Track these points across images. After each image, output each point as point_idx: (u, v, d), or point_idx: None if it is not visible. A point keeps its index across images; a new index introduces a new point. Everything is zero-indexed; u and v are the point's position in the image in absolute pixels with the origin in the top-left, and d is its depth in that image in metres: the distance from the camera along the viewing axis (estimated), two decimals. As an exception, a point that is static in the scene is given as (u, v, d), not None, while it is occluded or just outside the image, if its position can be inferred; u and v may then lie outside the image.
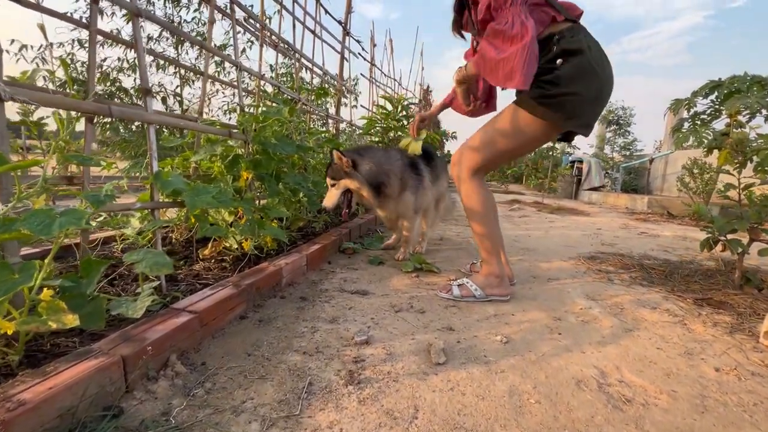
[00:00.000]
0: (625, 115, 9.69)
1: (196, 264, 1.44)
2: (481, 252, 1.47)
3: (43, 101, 0.87)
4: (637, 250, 2.42)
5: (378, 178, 1.71)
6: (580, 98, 1.21)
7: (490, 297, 1.40)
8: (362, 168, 1.70)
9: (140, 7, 1.15)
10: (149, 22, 4.27)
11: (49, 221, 0.68)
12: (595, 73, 1.21)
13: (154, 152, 1.17)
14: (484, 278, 1.43)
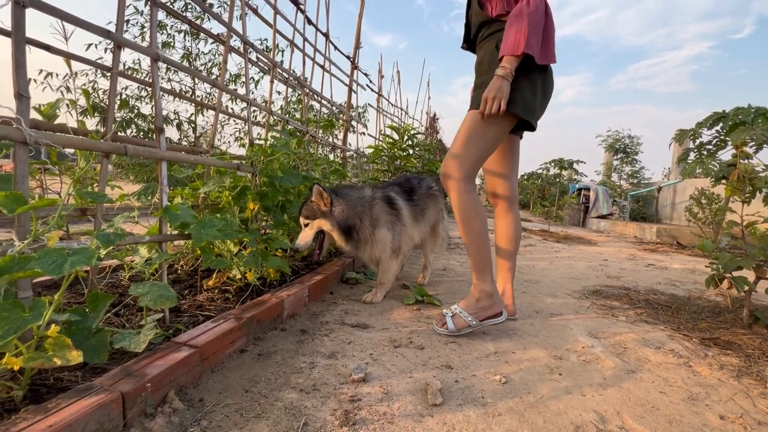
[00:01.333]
0: (632, 144, 9.74)
1: (199, 294, 1.47)
2: (471, 268, 1.42)
3: (64, 143, 0.93)
4: (643, 283, 2.39)
5: (349, 221, 1.63)
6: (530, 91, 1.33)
7: (485, 322, 1.36)
8: (335, 209, 1.62)
9: (159, 52, 1.23)
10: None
11: (61, 261, 0.72)
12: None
13: (165, 187, 1.23)
14: (476, 302, 1.37)
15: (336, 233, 1.61)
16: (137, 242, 1.14)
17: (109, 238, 0.86)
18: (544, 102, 1.42)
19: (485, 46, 1.43)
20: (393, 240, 1.70)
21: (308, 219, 1.63)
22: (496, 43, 1.36)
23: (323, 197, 1.60)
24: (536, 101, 1.36)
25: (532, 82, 1.33)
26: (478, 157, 1.38)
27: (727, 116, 3.35)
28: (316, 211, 1.62)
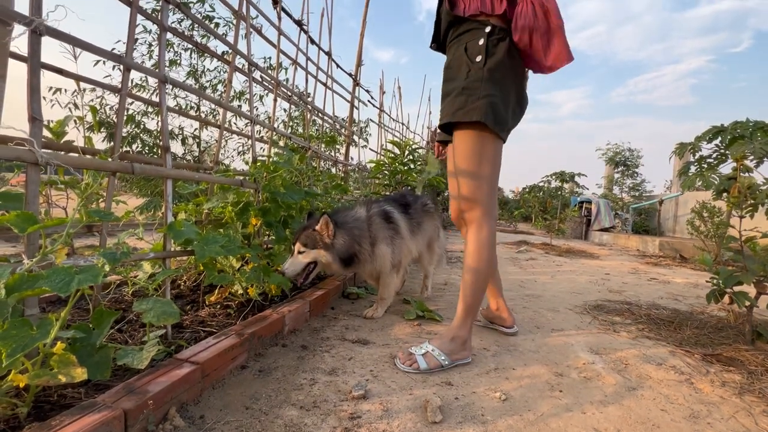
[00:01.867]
0: (632, 157, 9.78)
1: (202, 310, 1.48)
2: (460, 310, 1.32)
3: (74, 163, 0.96)
4: (645, 298, 2.38)
5: (350, 250, 1.58)
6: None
7: (455, 362, 1.26)
8: (337, 241, 1.56)
9: (167, 74, 1.28)
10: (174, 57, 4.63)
11: (69, 279, 0.74)
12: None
13: (170, 204, 1.25)
14: (451, 342, 1.27)
15: (335, 265, 1.57)
16: (142, 259, 1.16)
17: (115, 257, 0.89)
18: (518, 113, 1.32)
19: (454, 47, 1.31)
20: (393, 255, 1.70)
21: (306, 247, 1.56)
22: (465, 46, 1.24)
23: (328, 228, 1.55)
24: (509, 115, 1.27)
25: (507, 93, 1.23)
26: (496, 180, 1.29)
27: (725, 130, 3.38)
28: (318, 241, 1.55)
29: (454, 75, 1.27)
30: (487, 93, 1.17)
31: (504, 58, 1.19)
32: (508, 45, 1.19)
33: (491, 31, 1.20)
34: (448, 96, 1.26)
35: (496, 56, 1.19)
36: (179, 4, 1.36)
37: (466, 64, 1.22)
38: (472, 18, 1.24)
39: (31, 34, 0.90)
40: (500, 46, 1.19)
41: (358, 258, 1.60)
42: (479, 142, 1.23)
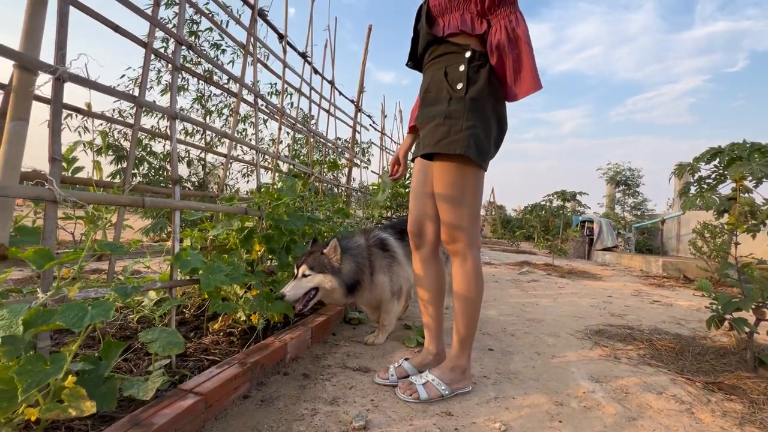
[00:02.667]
0: (633, 176, 9.84)
1: (205, 337, 1.50)
2: (455, 341, 1.30)
3: (89, 200, 1.01)
4: (647, 322, 2.38)
5: (356, 276, 1.57)
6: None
7: (455, 392, 1.25)
8: (344, 266, 1.54)
9: (178, 111, 1.35)
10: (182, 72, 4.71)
11: (82, 314, 0.78)
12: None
13: (177, 235, 1.30)
14: (451, 372, 1.26)
15: (339, 291, 1.55)
16: (150, 289, 1.20)
17: (127, 291, 0.92)
18: (499, 141, 1.28)
19: (432, 70, 1.25)
20: (391, 283, 1.71)
21: (312, 271, 1.53)
22: (445, 69, 1.20)
23: (337, 253, 1.54)
24: (491, 146, 1.23)
25: (488, 122, 1.18)
26: (479, 213, 1.28)
27: (723, 151, 3.43)
28: (325, 265, 1.53)
29: (433, 101, 1.22)
30: (470, 124, 1.13)
31: (485, 85, 1.15)
32: (488, 71, 1.15)
33: (472, 57, 1.16)
34: (429, 123, 1.22)
35: (478, 84, 1.15)
36: (191, 46, 1.44)
37: (446, 91, 1.18)
38: (452, 40, 1.20)
39: (55, 81, 0.96)
40: (481, 72, 1.15)
41: (360, 286, 1.61)
42: (462, 173, 1.19)
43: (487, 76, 1.15)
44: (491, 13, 1.12)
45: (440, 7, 1.21)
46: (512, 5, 1.11)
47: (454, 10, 1.19)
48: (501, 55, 1.12)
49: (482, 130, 1.16)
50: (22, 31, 0.97)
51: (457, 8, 1.19)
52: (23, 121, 0.96)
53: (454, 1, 1.18)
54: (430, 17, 1.24)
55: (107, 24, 1.23)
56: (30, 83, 0.96)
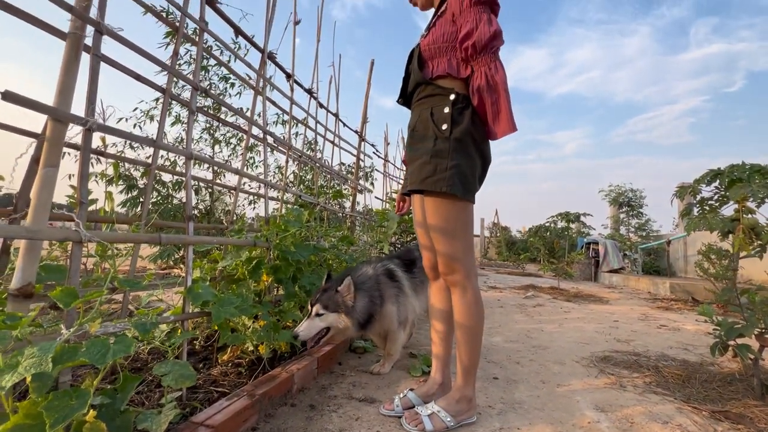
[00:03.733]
0: (636, 197, 9.88)
1: (214, 368, 1.53)
2: (460, 370, 1.32)
3: (111, 239, 1.08)
4: (654, 348, 2.36)
5: (370, 310, 1.59)
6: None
7: (460, 423, 1.28)
8: (358, 304, 1.56)
9: (192, 152, 1.44)
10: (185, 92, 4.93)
11: (105, 350, 0.83)
12: None
13: (190, 269, 1.36)
14: (457, 404, 1.28)
15: (352, 330, 1.56)
16: (163, 322, 1.25)
17: (146, 328, 0.98)
18: (483, 176, 1.35)
19: (419, 109, 1.34)
20: (399, 313, 1.74)
21: (326, 310, 1.54)
22: (431, 109, 1.27)
23: (350, 291, 1.56)
24: (476, 181, 1.29)
25: (472, 160, 1.25)
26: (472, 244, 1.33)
27: (723, 173, 3.48)
28: (339, 304, 1.54)
29: (420, 139, 1.30)
30: (455, 163, 1.20)
31: (469, 125, 1.22)
32: (471, 112, 1.23)
33: (456, 99, 1.24)
34: (416, 161, 1.29)
35: (462, 125, 1.22)
36: (206, 91, 1.55)
37: (432, 131, 1.25)
38: (439, 82, 1.28)
39: (85, 132, 1.05)
40: (465, 114, 1.23)
41: (373, 318, 1.62)
42: (450, 208, 1.25)
43: (470, 117, 1.23)
44: (474, 60, 1.21)
45: (430, 52, 1.32)
46: (493, 54, 1.20)
47: (442, 55, 1.29)
48: (481, 98, 1.21)
49: (467, 167, 1.23)
50: (57, 85, 1.07)
51: (445, 53, 1.29)
52: (54, 167, 1.05)
53: (442, 47, 1.29)
54: (421, 60, 1.34)
55: (130, 74, 1.34)
56: (62, 134, 1.06)
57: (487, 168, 1.35)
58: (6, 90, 0.87)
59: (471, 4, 1.19)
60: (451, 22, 1.26)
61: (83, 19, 1.07)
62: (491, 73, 1.19)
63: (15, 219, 1.08)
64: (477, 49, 1.18)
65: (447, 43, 1.27)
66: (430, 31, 1.34)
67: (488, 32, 1.16)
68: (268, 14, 2.03)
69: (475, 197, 1.32)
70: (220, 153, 5.84)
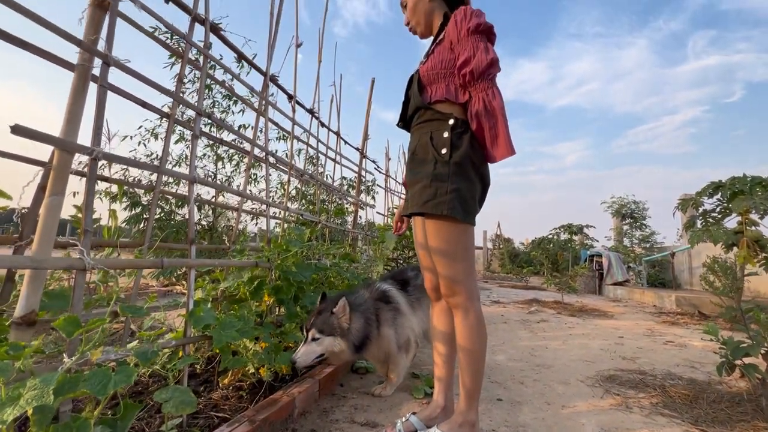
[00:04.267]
0: (638, 209, 9.85)
1: (215, 392, 1.52)
2: (463, 394, 1.29)
3: (115, 266, 1.10)
4: (660, 366, 2.33)
5: (365, 332, 1.58)
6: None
7: None
8: (353, 326, 1.54)
9: (196, 176, 1.46)
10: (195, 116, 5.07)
11: (106, 381, 0.83)
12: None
13: (192, 292, 1.36)
14: (459, 428, 1.26)
15: (347, 353, 1.55)
16: (165, 348, 1.25)
17: (147, 356, 0.98)
18: (483, 198, 1.36)
19: (418, 133, 1.36)
20: (397, 335, 1.72)
21: (322, 334, 1.53)
22: (430, 134, 1.29)
23: (346, 312, 1.55)
24: (475, 204, 1.30)
25: (472, 183, 1.27)
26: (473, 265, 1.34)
27: (724, 185, 3.49)
28: (335, 327, 1.54)
29: (420, 162, 1.32)
30: (455, 187, 1.22)
31: (468, 149, 1.24)
32: (470, 137, 1.25)
33: (455, 124, 1.26)
34: (417, 184, 1.30)
35: (461, 149, 1.24)
36: (210, 116, 1.59)
37: (432, 155, 1.27)
38: (438, 107, 1.30)
39: (92, 161, 1.08)
40: (464, 138, 1.25)
41: (369, 341, 1.61)
42: (451, 231, 1.26)
43: (469, 141, 1.25)
44: (471, 86, 1.24)
45: (429, 78, 1.35)
46: (490, 81, 1.23)
47: (440, 81, 1.32)
48: (480, 123, 1.23)
49: (467, 190, 1.25)
50: (65, 114, 1.10)
51: (443, 79, 1.32)
52: (60, 195, 1.07)
53: (440, 73, 1.32)
54: (421, 85, 1.36)
55: (137, 102, 1.37)
56: (69, 162, 1.08)
57: (486, 190, 1.36)
58: (16, 124, 0.90)
59: (468, 33, 1.22)
60: (449, 50, 1.30)
61: (92, 52, 1.11)
62: (489, 99, 1.21)
63: (20, 246, 1.10)
64: (474, 76, 1.21)
65: (445, 70, 1.30)
66: (428, 58, 1.37)
67: (485, 60, 1.19)
68: (270, 38, 2.08)
69: (476, 218, 1.33)
70: (222, 169, 5.90)
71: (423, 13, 1.45)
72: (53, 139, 1.00)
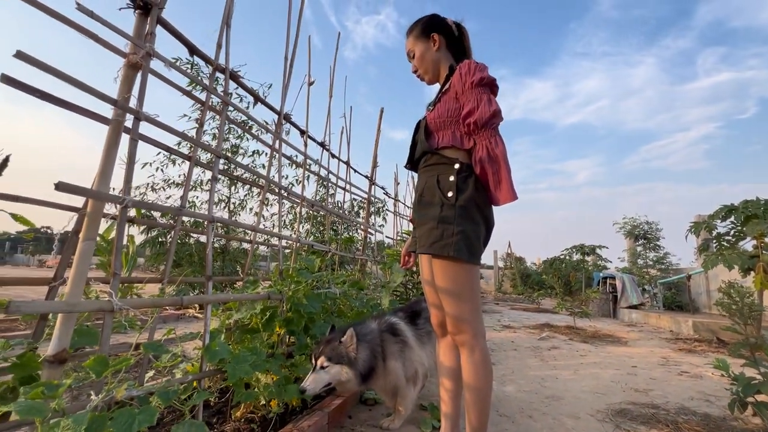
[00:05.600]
0: (651, 230, 9.71)
1: (227, 424, 1.57)
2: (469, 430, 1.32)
3: (139, 305, 1.18)
4: (674, 399, 2.29)
5: (371, 363, 1.62)
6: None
7: None
8: (360, 355, 1.58)
9: (214, 216, 1.55)
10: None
11: (131, 421, 0.89)
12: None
13: (209, 327, 1.43)
14: None
15: (354, 382, 1.58)
16: (183, 382, 1.31)
17: (168, 396, 1.04)
18: (487, 239, 1.41)
19: (425, 176, 1.43)
20: (405, 368, 1.74)
21: (330, 362, 1.57)
22: (437, 177, 1.36)
23: (353, 342, 1.59)
24: (480, 245, 1.35)
25: (477, 225, 1.32)
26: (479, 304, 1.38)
27: (737, 209, 3.46)
28: (343, 356, 1.57)
29: (428, 205, 1.38)
30: (461, 229, 1.27)
31: (473, 192, 1.30)
32: (474, 180, 1.32)
33: (460, 169, 1.33)
34: (424, 225, 1.36)
35: (466, 192, 1.30)
36: (228, 158, 1.69)
37: (439, 198, 1.33)
38: (444, 152, 1.38)
39: (122, 209, 1.18)
40: (468, 182, 1.31)
41: (375, 372, 1.65)
42: (457, 271, 1.31)
43: (473, 184, 1.32)
44: (476, 135, 1.32)
45: (436, 125, 1.43)
46: (493, 129, 1.31)
47: (447, 128, 1.40)
48: (484, 168, 1.30)
49: (472, 232, 1.30)
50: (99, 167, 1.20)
51: (449, 127, 1.40)
52: (92, 240, 1.16)
53: (447, 121, 1.40)
54: (428, 131, 1.45)
55: (162, 148, 1.49)
56: (101, 209, 1.18)
57: (491, 232, 1.42)
58: (60, 182, 1.00)
59: (472, 86, 1.30)
60: (454, 99, 1.38)
61: (125, 109, 1.22)
62: (491, 146, 1.29)
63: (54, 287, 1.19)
64: (478, 125, 1.29)
65: (451, 118, 1.38)
66: (435, 106, 1.46)
67: (488, 112, 1.27)
68: (284, 81, 2.22)
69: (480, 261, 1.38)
70: (236, 193, 6.08)
71: (430, 62, 1.55)
72: (90, 192, 1.10)
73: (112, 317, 1.10)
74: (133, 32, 1.33)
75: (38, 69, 0.99)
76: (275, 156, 2.21)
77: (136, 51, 1.28)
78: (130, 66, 1.30)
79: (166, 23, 1.44)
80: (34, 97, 1.06)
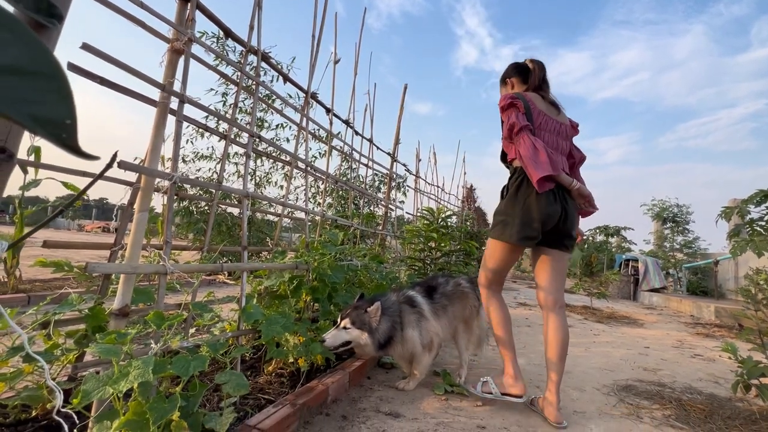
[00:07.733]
0: (681, 213, 9.37)
1: (260, 377, 1.77)
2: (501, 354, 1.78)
3: (187, 270, 1.34)
4: (682, 379, 2.36)
5: (390, 333, 1.78)
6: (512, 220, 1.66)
7: (504, 397, 1.71)
8: (381, 326, 1.75)
9: (249, 192, 1.69)
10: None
11: (187, 365, 1.06)
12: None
13: (245, 291, 1.60)
14: (502, 379, 1.76)
15: (371, 348, 1.75)
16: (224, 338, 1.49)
17: (216, 347, 1.21)
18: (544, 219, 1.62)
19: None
20: (421, 336, 1.87)
21: (353, 326, 1.74)
22: (507, 181, 1.80)
23: (377, 314, 1.76)
24: (529, 226, 1.61)
25: (516, 210, 1.65)
26: (495, 271, 1.80)
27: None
28: (365, 323, 1.74)
29: (502, 196, 1.81)
30: (501, 218, 1.71)
31: (513, 191, 1.69)
32: (517, 182, 1.68)
33: (513, 171, 1.74)
34: (498, 215, 1.75)
35: (511, 191, 1.70)
36: (260, 136, 1.81)
37: (502, 195, 1.81)
38: (511, 162, 1.78)
39: (171, 184, 1.32)
40: (514, 184, 1.69)
41: (393, 341, 1.80)
42: (491, 246, 1.79)
43: (517, 185, 1.68)
44: (512, 141, 1.68)
45: (505, 143, 1.79)
46: (517, 137, 1.63)
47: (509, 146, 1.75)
48: (522, 165, 1.66)
49: (511, 219, 1.67)
50: (149, 144, 1.34)
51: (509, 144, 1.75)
52: (146, 212, 1.32)
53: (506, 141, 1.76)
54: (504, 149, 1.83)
55: (202, 127, 1.61)
56: (152, 184, 1.32)
57: (531, 216, 1.63)
58: (121, 161, 1.14)
59: (501, 112, 1.73)
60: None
61: (171, 93, 1.34)
62: (518, 149, 1.64)
63: (115, 251, 1.37)
64: (509, 137, 1.67)
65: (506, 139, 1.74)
66: None
67: (507, 128, 1.67)
68: (311, 60, 2.28)
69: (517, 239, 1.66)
70: (261, 166, 6.26)
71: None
72: (144, 169, 1.24)
73: (166, 279, 1.26)
74: (175, 18, 1.43)
75: (101, 59, 1.11)
76: (302, 133, 2.32)
77: (179, 37, 1.38)
78: (174, 51, 1.40)
79: (204, 8, 1.53)
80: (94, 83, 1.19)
